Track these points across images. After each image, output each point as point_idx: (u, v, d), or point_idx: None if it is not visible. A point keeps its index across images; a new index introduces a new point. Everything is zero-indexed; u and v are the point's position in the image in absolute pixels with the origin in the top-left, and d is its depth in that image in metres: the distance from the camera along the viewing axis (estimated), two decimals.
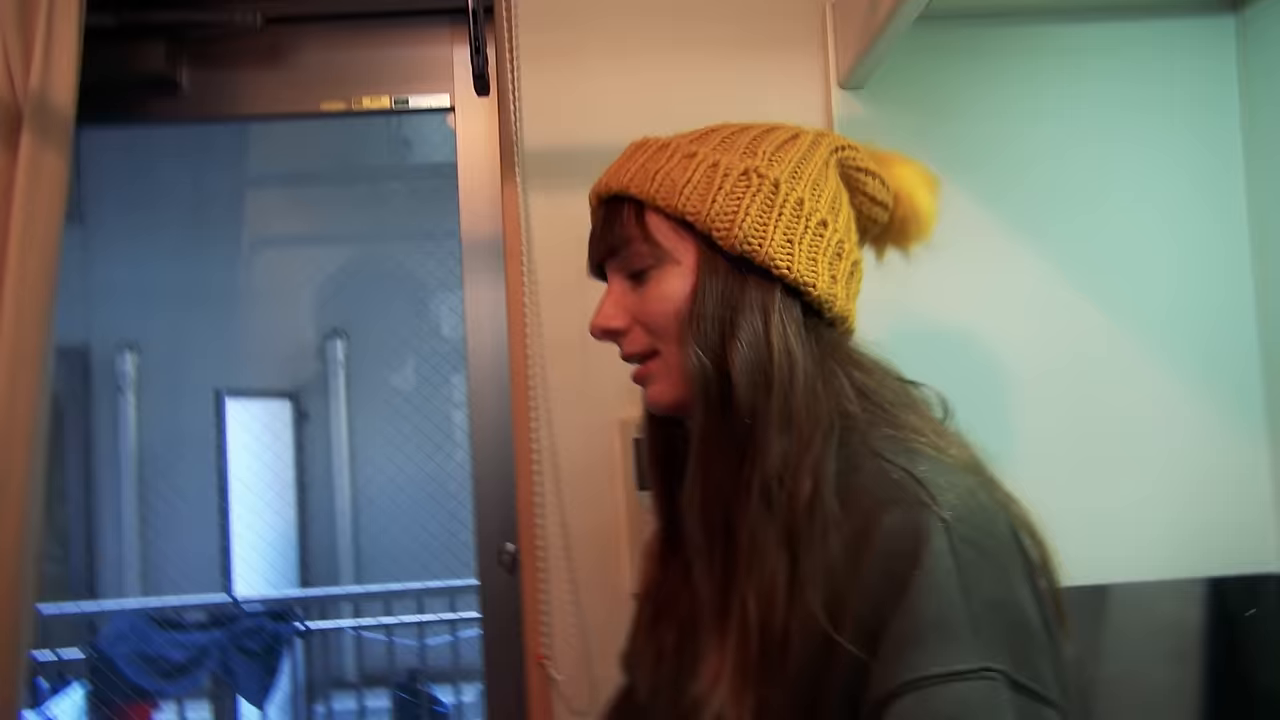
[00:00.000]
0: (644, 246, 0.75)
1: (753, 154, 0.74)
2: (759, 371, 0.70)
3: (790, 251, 0.72)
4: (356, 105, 1.39)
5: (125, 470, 5.06)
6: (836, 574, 0.66)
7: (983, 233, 1.25)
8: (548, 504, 1.26)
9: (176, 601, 3.98)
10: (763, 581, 0.68)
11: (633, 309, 0.77)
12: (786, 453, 0.69)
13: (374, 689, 4.06)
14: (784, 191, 0.73)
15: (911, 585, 0.62)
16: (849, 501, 0.68)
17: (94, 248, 4.85)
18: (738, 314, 0.71)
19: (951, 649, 0.60)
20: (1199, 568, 1.24)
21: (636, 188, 0.75)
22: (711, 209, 0.72)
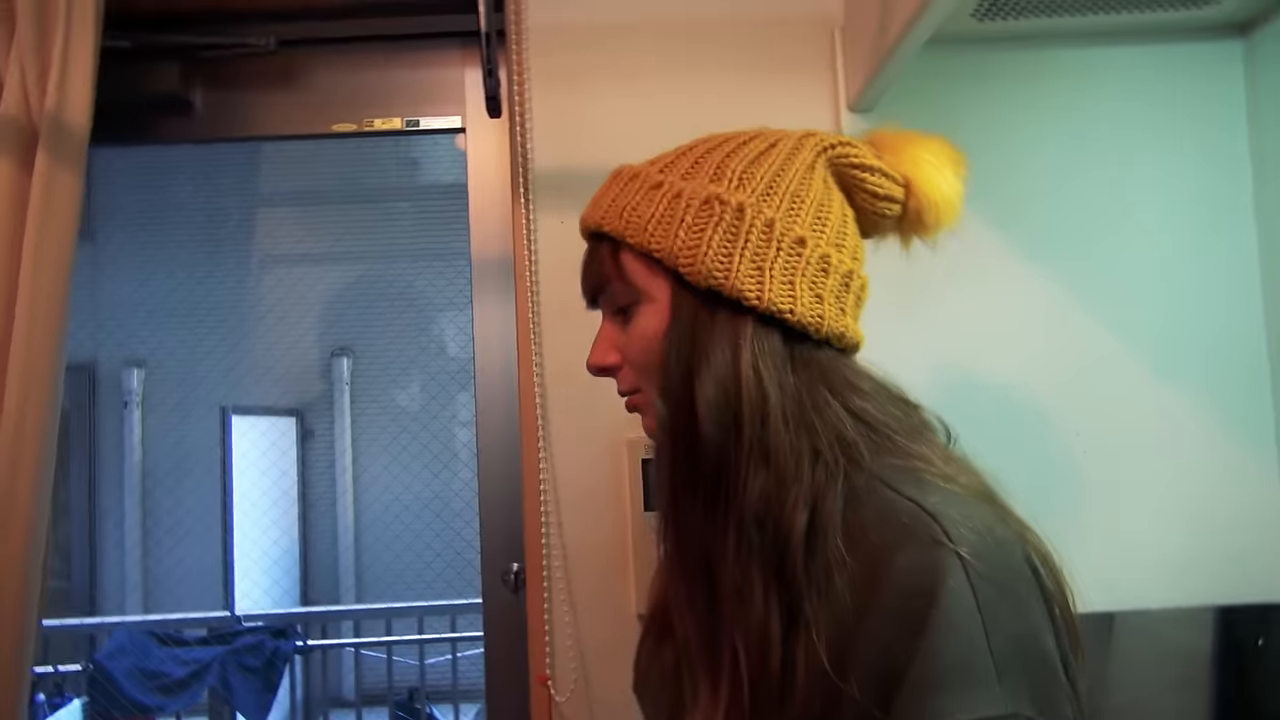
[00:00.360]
0: (621, 285, 0.74)
1: (719, 178, 0.71)
2: (726, 411, 0.67)
3: (759, 279, 0.68)
4: (368, 126, 1.40)
5: (129, 486, 5.07)
6: (842, 616, 0.62)
7: (992, 256, 1.25)
8: (553, 524, 1.26)
9: (177, 618, 3.97)
10: (750, 628, 0.65)
11: (621, 346, 0.77)
12: (766, 491, 0.66)
13: (373, 707, 4.04)
14: (749, 216, 0.69)
15: (929, 627, 0.58)
16: (854, 538, 0.64)
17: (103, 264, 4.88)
18: (707, 351, 0.69)
19: (976, 694, 0.57)
20: (1208, 595, 1.23)
21: (610, 224, 0.74)
22: (675, 244, 0.70)
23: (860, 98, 1.22)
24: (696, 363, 0.69)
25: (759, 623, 0.64)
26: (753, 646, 0.64)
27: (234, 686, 3.51)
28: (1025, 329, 1.25)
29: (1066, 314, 1.25)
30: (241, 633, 3.67)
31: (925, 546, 0.61)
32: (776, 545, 0.65)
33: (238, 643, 3.58)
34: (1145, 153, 1.27)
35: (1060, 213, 1.26)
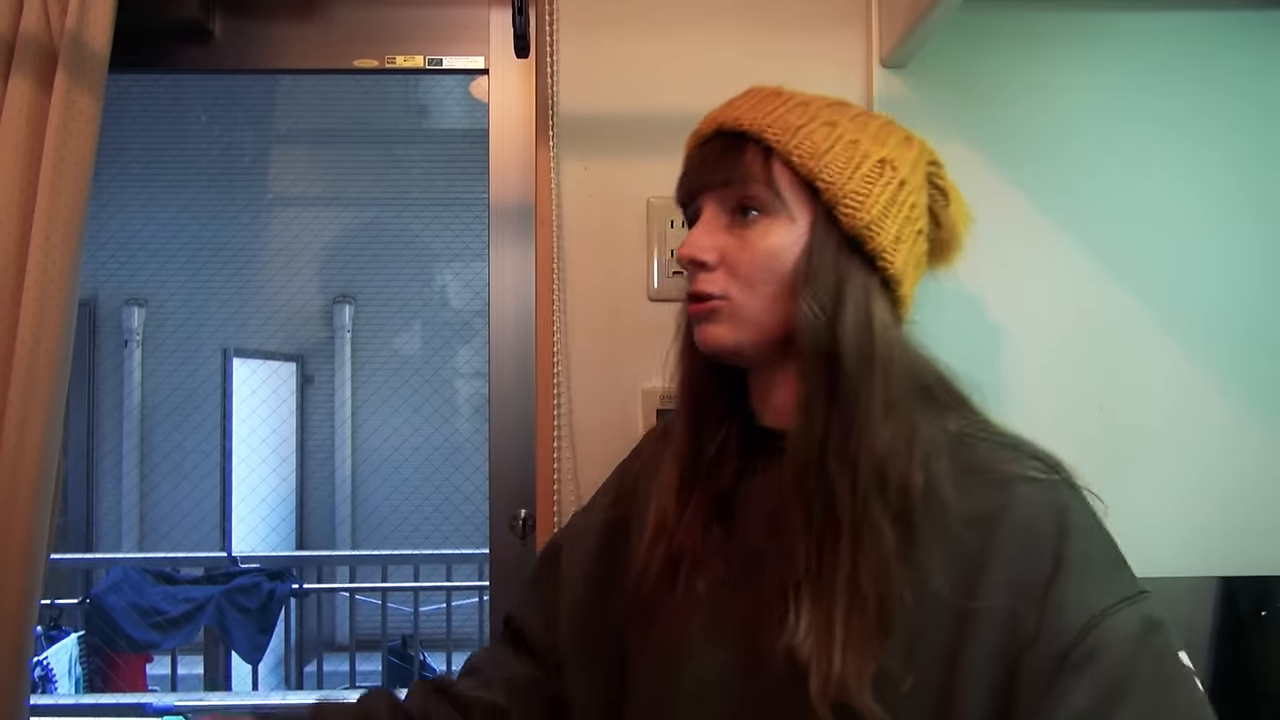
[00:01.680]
0: (766, 190, 0.74)
1: (883, 143, 0.76)
2: (864, 347, 0.72)
3: (897, 249, 0.74)
4: (390, 63, 1.38)
5: (128, 424, 5.08)
6: (963, 549, 0.69)
7: (1017, 218, 1.24)
8: (565, 471, 1.26)
9: (175, 556, 4.00)
10: (878, 557, 0.69)
11: (726, 249, 0.76)
12: (893, 444, 0.71)
13: (366, 653, 4.08)
14: (906, 191, 0.75)
15: (1070, 537, 0.68)
16: (963, 480, 0.71)
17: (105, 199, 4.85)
18: (844, 290, 0.73)
19: (1125, 578, 0.69)
20: (1212, 566, 1.24)
21: (774, 135, 0.74)
22: (847, 185, 0.73)
23: (894, 53, 1.20)
24: (839, 295, 0.73)
25: (886, 552, 0.69)
26: (879, 572, 0.69)
27: (230, 626, 3.55)
28: (1046, 292, 1.25)
29: (1089, 279, 1.24)
30: (238, 573, 3.70)
31: (1036, 479, 0.70)
32: (900, 497, 0.70)
33: (234, 583, 3.61)
34: (1181, 121, 1.25)
35: (1090, 177, 1.24)
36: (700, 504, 0.81)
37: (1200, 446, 1.25)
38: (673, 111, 1.26)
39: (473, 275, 5.07)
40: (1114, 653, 0.65)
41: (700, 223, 0.78)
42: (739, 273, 0.75)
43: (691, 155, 0.81)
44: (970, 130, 1.24)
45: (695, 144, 0.81)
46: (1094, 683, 0.64)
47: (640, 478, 0.92)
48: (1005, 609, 0.67)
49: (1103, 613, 0.66)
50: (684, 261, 0.78)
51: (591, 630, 0.88)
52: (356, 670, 3.79)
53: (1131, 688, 0.64)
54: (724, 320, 0.76)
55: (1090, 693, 0.64)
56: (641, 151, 1.27)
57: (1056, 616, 0.66)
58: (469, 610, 4.28)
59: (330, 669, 4.11)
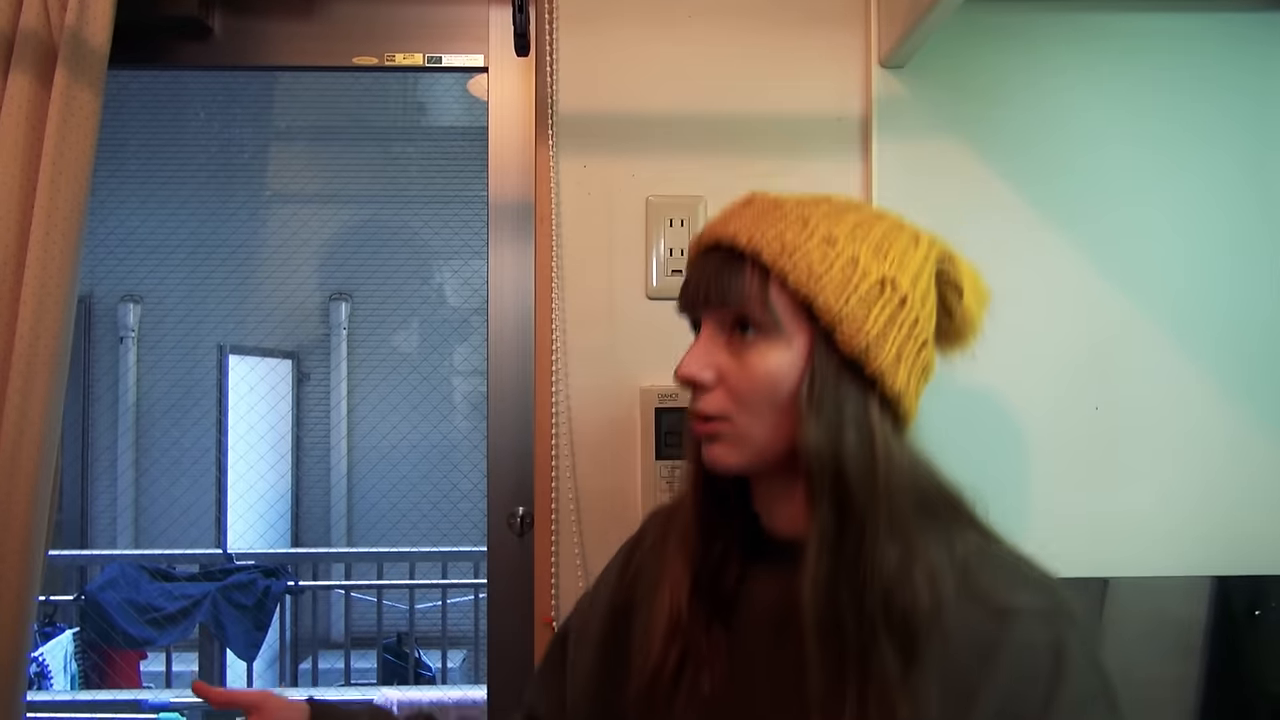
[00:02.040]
0: (763, 312, 0.73)
1: (883, 254, 0.74)
2: (867, 469, 0.71)
3: (898, 368, 0.73)
4: (389, 61, 1.38)
5: (123, 421, 5.06)
6: (960, 674, 0.69)
7: (1013, 218, 1.25)
8: (563, 468, 1.26)
9: (170, 553, 3.99)
10: (884, 686, 0.69)
11: (724, 368, 0.76)
12: (901, 560, 0.71)
13: (361, 650, 4.08)
14: (908, 309, 0.74)
15: (1064, 673, 0.68)
16: (966, 603, 0.71)
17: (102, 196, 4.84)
18: (844, 415, 0.72)
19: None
20: (1206, 565, 1.25)
21: (771, 256, 0.73)
22: (844, 308, 0.72)
23: (893, 53, 1.20)
24: (840, 419, 0.72)
25: (891, 686, 0.69)
26: (883, 708, 0.69)
27: (225, 623, 3.54)
28: (1041, 293, 1.25)
29: (1084, 281, 1.25)
30: (233, 570, 3.69)
31: (1039, 610, 0.70)
32: (905, 620, 0.70)
33: (230, 580, 3.61)
34: (1180, 123, 1.26)
35: (1087, 179, 1.25)
36: (705, 603, 0.81)
37: (1195, 447, 1.26)
38: (672, 110, 1.27)
39: (470, 274, 5.07)
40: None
41: (699, 341, 0.77)
42: (738, 394, 0.75)
43: (692, 264, 0.80)
44: (968, 130, 1.24)
45: (695, 254, 0.80)
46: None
47: (645, 562, 0.92)
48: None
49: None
50: (680, 380, 0.77)
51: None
52: (351, 667, 3.79)
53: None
54: (728, 441, 0.76)
55: None
56: (641, 150, 1.27)
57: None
58: (464, 608, 4.28)
59: (325, 666, 4.11)
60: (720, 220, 0.78)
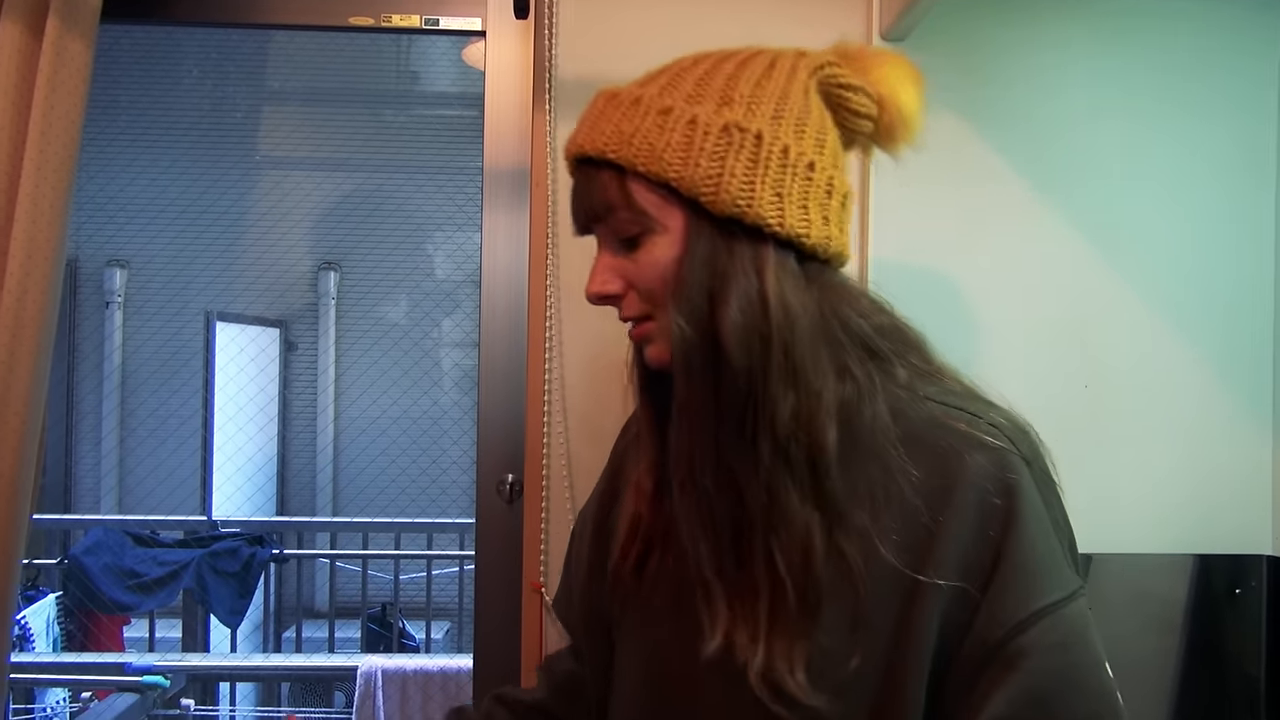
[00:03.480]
0: (628, 214, 0.72)
1: (728, 102, 0.70)
2: (754, 333, 0.68)
3: (780, 206, 0.69)
4: (385, 22, 1.37)
5: (108, 386, 5.04)
6: (914, 517, 0.68)
7: (1008, 193, 1.25)
8: (554, 436, 1.26)
9: (155, 519, 3.99)
10: (791, 540, 0.68)
11: (626, 273, 0.75)
12: (795, 411, 0.68)
13: (345, 620, 4.09)
14: (767, 142, 0.70)
15: (1012, 525, 0.67)
16: (910, 445, 0.69)
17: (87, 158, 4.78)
18: (729, 277, 0.69)
19: (1057, 577, 0.68)
20: (1196, 545, 1.26)
21: (614, 152, 0.71)
22: (695, 172, 0.69)
23: (895, 26, 1.20)
24: (720, 290, 0.69)
25: (800, 535, 0.68)
26: (795, 558, 0.68)
27: (209, 589, 3.54)
28: (1033, 268, 1.25)
29: (1075, 257, 1.25)
30: (219, 537, 3.69)
31: (990, 450, 0.69)
32: (809, 460, 0.68)
33: (215, 547, 3.61)
34: (1174, 103, 1.26)
35: (1084, 155, 1.25)
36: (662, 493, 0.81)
37: (1180, 427, 1.27)
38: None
39: (459, 245, 5.05)
40: (1035, 662, 0.65)
41: (598, 257, 0.77)
42: (647, 294, 0.74)
43: (572, 187, 0.78)
44: (966, 104, 1.24)
45: (570, 172, 0.78)
46: (1013, 691, 0.65)
47: (627, 453, 0.92)
48: (954, 588, 0.67)
49: (1032, 616, 0.66)
50: (591, 299, 0.77)
51: (590, 611, 0.89)
52: (335, 637, 3.81)
53: (1047, 701, 0.65)
54: (658, 339, 0.75)
55: (1008, 700, 0.65)
56: None
57: (988, 613, 0.66)
58: (449, 579, 4.30)
59: (309, 635, 4.12)
60: (573, 134, 0.76)
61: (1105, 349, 1.26)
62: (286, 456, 5.22)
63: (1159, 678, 1.26)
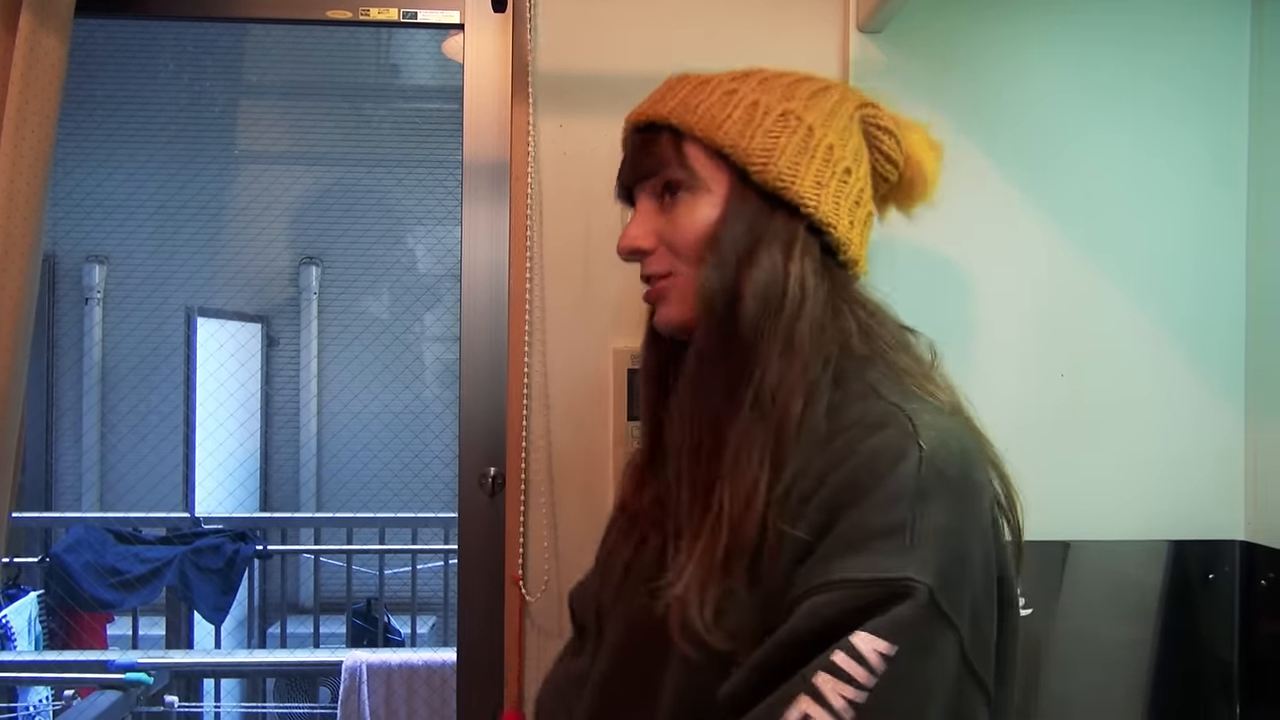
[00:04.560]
0: (680, 170, 0.78)
1: (790, 97, 0.78)
2: (771, 296, 0.74)
3: (818, 193, 0.76)
4: (364, 15, 1.36)
5: (88, 383, 4.99)
6: (808, 485, 0.70)
7: (986, 185, 1.26)
8: (535, 428, 1.27)
9: (137, 516, 3.96)
10: (742, 485, 0.71)
11: (660, 230, 0.80)
12: (783, 373, 0.73)
13: (330, 615, 4.08)
14: (818, 136, 0.77)
15: (869, 496, 0.67)
16: (837, 427, 0.72)
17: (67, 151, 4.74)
18: (759, 244, 0.76)
19: (881, 560, 0.65)
20: (1170, 531, 1.28)
21: (677, 118, 0.78)
22: (750, 144, 0.76)
23: (871, 19, 1.20)
24: (751, 252, 0.75)
25: (749, 482, 0.71)
26: (738, 502, 0.71)
27: (193, 586, 3.53)
28: (1009, 259, 1.27)
29: (1052, 249, 1.27)
30: (201, 534, 3.67)
31: (890, 438, 0.69)
32: (777, 424, 0.72)
33: (198, 543, 3.59)
34: (1148, 99, 1.27)
35: (1059, 148, 1.26)
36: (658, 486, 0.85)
37: (1154, 415, 1.28)
38: (649, 71, 1.24)
39: (439, 239, 5.03)
40: (797, 627, 0.65)
41: (635, 215, 0.82)
42: (676, 249, 0.79)
43: (624, 154, 0.85)
44: (942, 96, 1.25)
45: (623, 145, 0.86)
46: (771, 641, 0.66)
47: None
48: (795, 547, 0.69)
49: (821, 586, 0.66)
50: (623, 253, 0.82)
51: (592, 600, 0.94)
52: (320, 632, 3.80)
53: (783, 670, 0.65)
54: (673, 297, 0.80)
55: (766, 648, 0.67)
56: (617, 110, 1.24)
57: (805, 573, 0.67)
58: (434, 573, 4.29)
59: (293, 630, 4.11)
60: (638, 107, 0.84)
61: (1081, 339, 1.27)
62: (269, 452, 5.19)
63: (1134, 662, 1.28)
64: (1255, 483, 1.27)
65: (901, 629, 0.63)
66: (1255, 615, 1.26)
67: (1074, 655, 1.27)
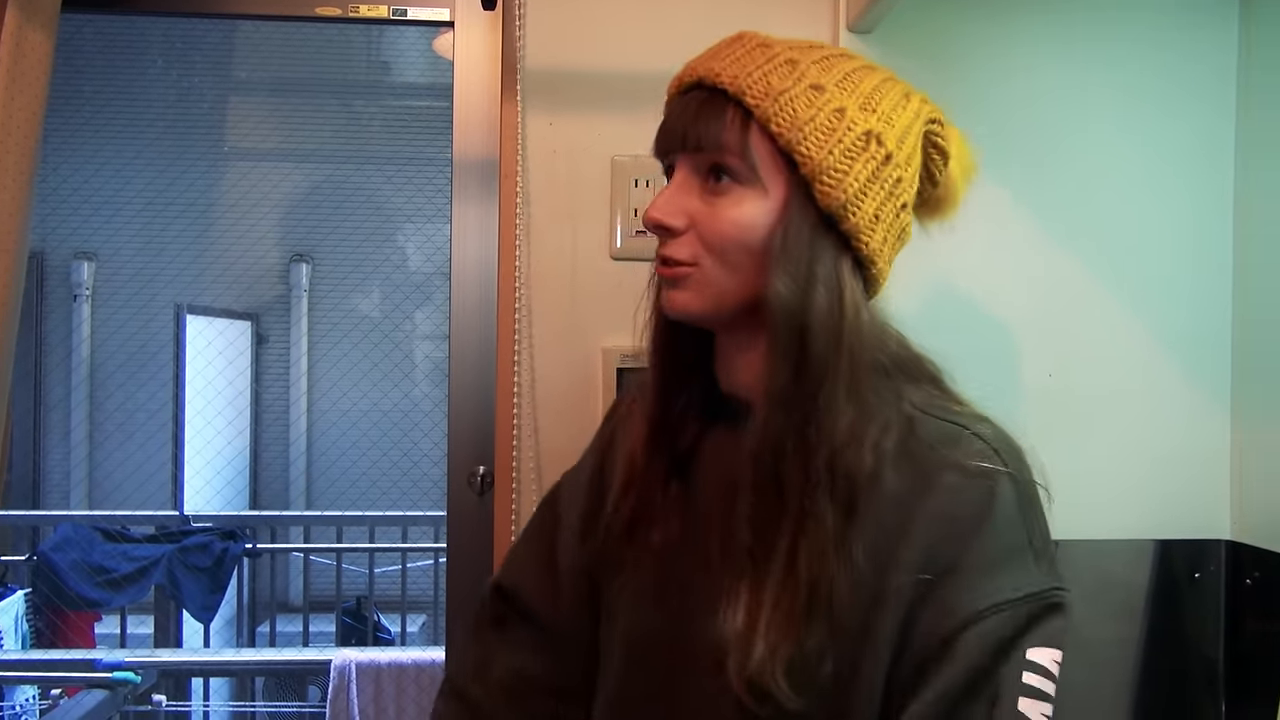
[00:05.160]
0: (738, 161, 0.71)
1: (873, 110, 0.71)
2: (833, 328, 0.70)
3: (874, 228, 0.71)
4: (353, 12, 1.36)
5: (76, 380, 4.97)
6: (888, 530, 0.70)
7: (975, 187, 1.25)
8: (524, 427, 1.27)
9: (125, 514, 3.95)
10: (819, 543, 0.69)
11: (696, 214, 0.73)
12: (854, 423, 0.70)
13: (320, 614, 4.07)
14: (891, 166, 0.71)
15: (983, 527, 0.68)
16: (902, 462, 0.71)
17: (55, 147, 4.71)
18: (816, 268, 0.70)
19: (1023, 575, 0.68)
20: (1156, 530, 1.28)
21: (754, 98, 0.70)
22: (827, 160, 0.69)
23: (861, 19, 1.20)
24: (811, 272, 0.70)
25: (824, 541, 0.69)
26: (814, 561, 0.69)
27: (181, 585, 3.51)
28: (996, 261, 1.27)
29: (1039, 250, 1.27)
30: (190, 532, 3.66)
31: (972, 461, 0.70)
32: (848, 481, 0.70)
33: (186, 542, 3.57)
34: (1136, 98, 1.28)
35: (1047, 149, 1.27)
36: (662, 460, 0.81)
37: (1142, 415, 1.29)
38: (638, 70, 1.26)
39: (429, 236, 5.02)
40: (971, 658, 0.66)
41: (671, 185, 0.74)
42: (708, 241, 0.72)
43: (671, 105, 0.76)
44: (933, 96, 1.23)
45: (675, 91, 0.76)
46: (944, 679, 0.66)
47: (618, 427, 0.92)
48: (915, 585, 0.68)
49: (978, 614, 0.66)
50: (648, 224, 0.74)
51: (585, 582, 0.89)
52: (310, 631, 3.79)
53: (976, 695, 0.66)
54: (691, 287, 0.74)
55: (938, 688, 0.66)
56: (607, 109, 1.26)
57: (942, 606, 0.67)
58: (424, 572, 4.29)
59: (283, 629, 4.10)
60: (704, 57, 0.74)
61: (1069, 339, 1.27)
62: (258, 450, 5.17)
63: (1121, 660, 1.28)
64: (1241, 482, 1.28)
65: (1064, 636, 0.68)
66: (1241, 614, 1.26)
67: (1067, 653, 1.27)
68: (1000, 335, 1.27)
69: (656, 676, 0.79)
